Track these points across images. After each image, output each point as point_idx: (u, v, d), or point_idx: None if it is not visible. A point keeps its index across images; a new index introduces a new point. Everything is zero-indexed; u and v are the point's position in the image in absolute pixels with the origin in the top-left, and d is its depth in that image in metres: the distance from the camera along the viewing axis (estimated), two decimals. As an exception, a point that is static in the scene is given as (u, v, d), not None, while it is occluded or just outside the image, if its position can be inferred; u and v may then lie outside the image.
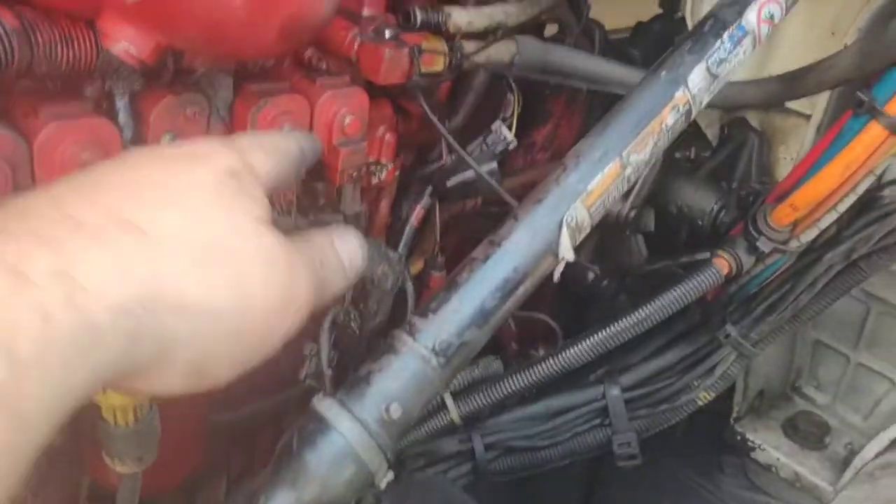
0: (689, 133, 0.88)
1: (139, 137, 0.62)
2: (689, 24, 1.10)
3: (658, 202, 1.21)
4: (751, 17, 0.71)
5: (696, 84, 0.68)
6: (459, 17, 0.98)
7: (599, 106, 1.32)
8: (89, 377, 0.35)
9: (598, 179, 0.64)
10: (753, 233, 0.90)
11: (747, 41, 0.71)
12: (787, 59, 1.04)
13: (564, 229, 0.62)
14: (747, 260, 0.91)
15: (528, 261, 0.60)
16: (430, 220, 1.08)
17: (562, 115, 1.26)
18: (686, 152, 1.20)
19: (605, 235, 1.25)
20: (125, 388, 0.40)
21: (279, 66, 0.77)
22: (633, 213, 1.16)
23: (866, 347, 1.14)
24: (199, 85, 0.67)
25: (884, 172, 0.91)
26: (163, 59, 0.60)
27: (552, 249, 0.62)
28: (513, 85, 1.08)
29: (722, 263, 0.91)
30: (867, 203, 0.91)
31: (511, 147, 1.21)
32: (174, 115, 0.63)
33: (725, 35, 0.70)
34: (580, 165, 0.64)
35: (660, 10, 1.26)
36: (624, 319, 0.91)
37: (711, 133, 1.20)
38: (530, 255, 0.60)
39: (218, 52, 0.63)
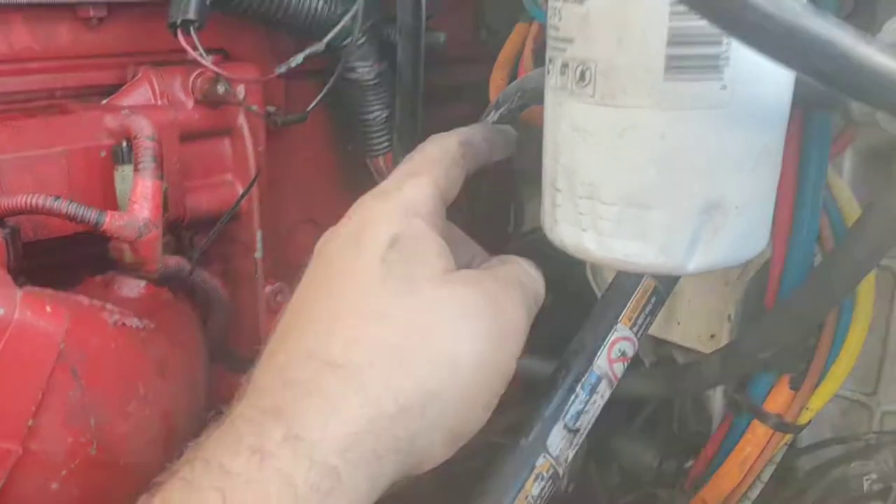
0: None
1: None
2: (593, 284, 1.12)
3: (599, 458, 1.19)
4: (601, 362, 0.72)
5: (556, 446, 0.68)
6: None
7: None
8: None
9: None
10: (675, 526, 0.88)
11: (603, 385, 0.71)
12: (691, 304, 1.06)
13: None
14: (675, 555, 0.88)
15: None
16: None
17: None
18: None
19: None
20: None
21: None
22: (571, 487, 1.14)
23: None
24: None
25: (794, 440, 0.90)
26: None
27: None
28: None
29: (651, 563, 0.88)
30: (785, 474, 0.90)
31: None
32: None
33: (578, 387, 0.70)
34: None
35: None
36: None
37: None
38: None
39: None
